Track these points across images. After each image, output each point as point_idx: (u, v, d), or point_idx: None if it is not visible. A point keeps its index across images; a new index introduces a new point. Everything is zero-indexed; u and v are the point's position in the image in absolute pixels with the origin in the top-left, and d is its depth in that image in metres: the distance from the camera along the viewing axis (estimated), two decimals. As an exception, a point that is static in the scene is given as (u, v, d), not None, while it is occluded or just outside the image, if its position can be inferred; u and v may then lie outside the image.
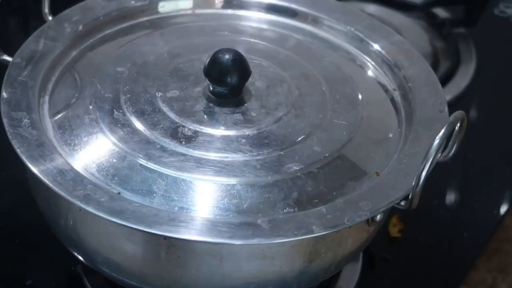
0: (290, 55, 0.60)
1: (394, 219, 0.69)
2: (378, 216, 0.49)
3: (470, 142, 0.61)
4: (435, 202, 0.73)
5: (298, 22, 0.64)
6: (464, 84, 0.87)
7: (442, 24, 0.96)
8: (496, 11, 1.00)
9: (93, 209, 0.45)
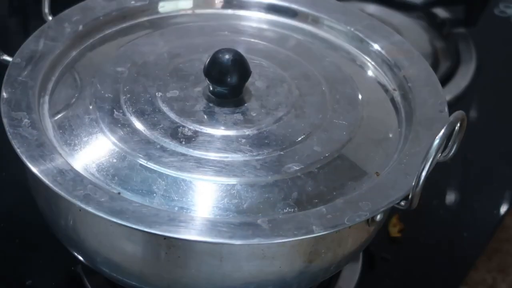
0: (290, 55, 0.60)
1: (394, 219, 0.69)
2: (378, 216, 0.49)
3: (470, 142, 0.61)
4: (435, 202, 0.73)
5: (298, 22, 0.64)
6: (464, 84, 0.87)
7: (442, 24, 0.96)
8: (496, 11, 1.00)
9: (93, 209, 0.45)
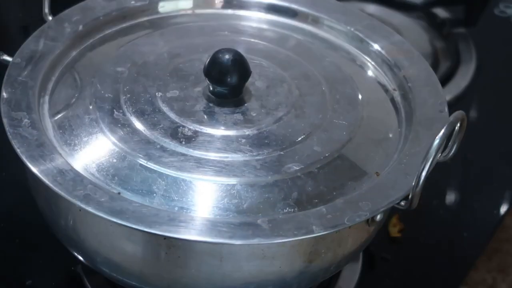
0: (290, 55, 0.60)
1: (394, 219, 0.69)
2: (378, 216, 0.48)
3: (470, 142, 0.61)
4: (435, 202, 0.73)
5: (298, 22, 0.64)
6: (464, 84, 0.87)
7: (442, 24, 0.96)
8: (496, 11, 1.00)
9: (93, 209, 0.45)
